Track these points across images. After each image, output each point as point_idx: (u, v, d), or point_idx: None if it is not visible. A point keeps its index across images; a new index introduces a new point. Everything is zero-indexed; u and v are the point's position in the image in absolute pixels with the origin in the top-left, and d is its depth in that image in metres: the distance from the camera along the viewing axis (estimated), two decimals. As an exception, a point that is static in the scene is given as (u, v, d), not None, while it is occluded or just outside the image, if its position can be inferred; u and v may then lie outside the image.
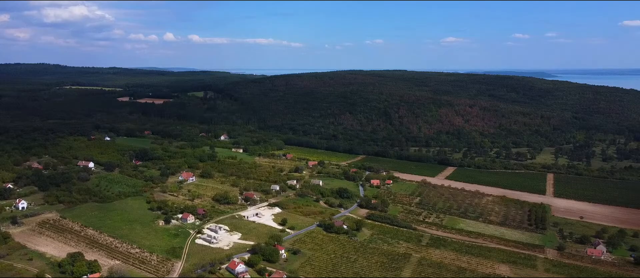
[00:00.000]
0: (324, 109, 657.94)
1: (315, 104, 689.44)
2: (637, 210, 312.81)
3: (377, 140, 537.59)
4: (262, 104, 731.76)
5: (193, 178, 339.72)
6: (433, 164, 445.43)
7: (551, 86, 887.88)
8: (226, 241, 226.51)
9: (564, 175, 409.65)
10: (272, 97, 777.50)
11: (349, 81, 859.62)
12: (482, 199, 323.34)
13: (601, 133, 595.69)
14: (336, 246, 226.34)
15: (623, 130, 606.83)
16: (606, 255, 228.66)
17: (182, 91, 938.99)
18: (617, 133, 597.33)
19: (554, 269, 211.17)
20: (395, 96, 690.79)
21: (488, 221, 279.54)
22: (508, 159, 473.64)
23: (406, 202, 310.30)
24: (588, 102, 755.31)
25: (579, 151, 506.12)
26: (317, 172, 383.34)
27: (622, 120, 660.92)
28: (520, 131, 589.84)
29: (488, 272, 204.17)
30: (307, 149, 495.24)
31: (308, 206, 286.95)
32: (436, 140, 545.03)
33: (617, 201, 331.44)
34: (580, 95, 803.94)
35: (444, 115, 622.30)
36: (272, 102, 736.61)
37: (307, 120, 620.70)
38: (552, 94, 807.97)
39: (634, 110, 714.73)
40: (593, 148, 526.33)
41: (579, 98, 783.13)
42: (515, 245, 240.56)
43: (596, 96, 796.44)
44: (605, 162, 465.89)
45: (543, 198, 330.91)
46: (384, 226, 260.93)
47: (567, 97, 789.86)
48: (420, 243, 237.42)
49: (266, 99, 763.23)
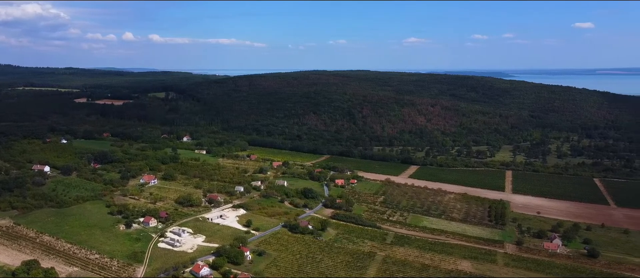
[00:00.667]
0: (288, 110, 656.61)
1: (279, 104, 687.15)
2: (590, 204, 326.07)
3: (341, 140, 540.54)
4: (226, 104, 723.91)
5: (155, 180, 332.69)
6: (396, 163, 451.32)
7: (509, 86, 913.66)
8: (190, 245, 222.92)
9: (522, 172, 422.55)
10: (236, 97, 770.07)
11: (313, 81, 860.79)
12: (445, 197, 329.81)
13: (556, 130, 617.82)
14: (301, 246, 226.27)
15: (576, 128, 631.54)
16: (562, 249, 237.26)
17: (143, 92, 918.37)
18: (571, 130, 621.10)
19: (513, 263, 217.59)
20: (359, 96, 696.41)
21: (450, 218, 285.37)
22: (469, 157, 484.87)
23: (371, 201, 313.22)
24: (543, 102, 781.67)
25: (535, 149, 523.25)
26: (282, 173, 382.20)
27: (575, 118, 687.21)
28: (480, 129, 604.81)
29: (451, 268, 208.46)
30: (272, 150, 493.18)
31: (273, 207, 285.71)
32: (399, 139, 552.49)
33: (571, 196, 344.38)
34: (536, 94, 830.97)
35: (406, 115, 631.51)
36: (236, 103, 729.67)
37: (271, 121, 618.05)
38: (509, 93, 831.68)
39: (585, 109, 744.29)
40: (548, 145, 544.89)
41: (535, 97, 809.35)
42: (476, 241, 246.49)
43: (551, 95, 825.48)
44: (560, 159, 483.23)
45: (502, 195, 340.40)
46: (349, 225, 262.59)
47: (524, 96, 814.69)
48: (384, 241, 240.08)
49: (229, 100, 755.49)
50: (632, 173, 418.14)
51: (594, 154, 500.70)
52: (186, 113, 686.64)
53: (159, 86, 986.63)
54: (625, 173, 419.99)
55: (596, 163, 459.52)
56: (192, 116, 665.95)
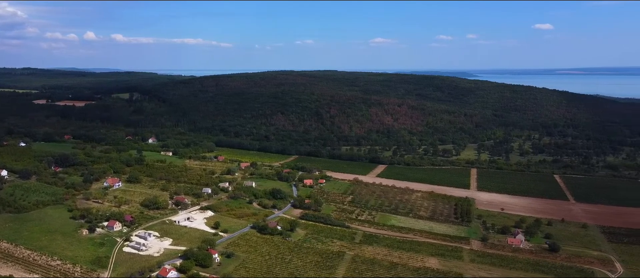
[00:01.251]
0: (255, 110, 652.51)
1: (246, 105, 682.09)
2: (551, 200, 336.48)
3: (309, 140, 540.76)
4: (192, 105, 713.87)
5: (119, 183, 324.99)
6: (364, 162, 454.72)
7: (473, 85, 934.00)
8: (156, 248, 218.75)
9: (486, 170, 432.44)
10: (202, 98, 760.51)
11: (280, 82, 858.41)
12: (412, 195, 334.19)
13: (518, 129, 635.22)
14: (270, 247, 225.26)
15: (537, 126, 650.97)
16: (525, 244, 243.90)
17: (106, 93, 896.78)
18: (532, 129, 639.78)
19: (478, 259, 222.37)
20: (327, 96, 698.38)
21: (418, 216, 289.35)
22: (435, 156, 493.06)
23: (339, 201, 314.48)
24: (506, 101, 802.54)
25: (499, 147, 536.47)
26: (250, 173, 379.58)
27: (536, 117, 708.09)
28: (445, 128, 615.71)
29: (418, 266, 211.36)
30: (239, 151, 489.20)
31: (241, 209, 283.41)
32: (367, 139, 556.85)
33: (533, 192, 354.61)
34: (499, 94, 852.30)
35: (374, 114, 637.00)
36: (202, 104, 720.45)
37: (239, 121, 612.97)
38: (474, 93, 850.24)
39: (546, 108, 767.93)
40: (511, 143, 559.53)
41: (498, 97, 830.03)
42: (443, 238, 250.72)
43: (513, 94, 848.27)
44: (522, 156, 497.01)
45: (468, 192, 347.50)
46: (317, 225, 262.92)
47: (488, 96, 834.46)
48: (353, 240, 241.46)
49: (196, 101, 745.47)
50: (590, 170, 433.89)
51: (554, 151, 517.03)
52: (151, 114, 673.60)
53: (123, 87, 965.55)
54: (583, 169, 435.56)
55: (556, 160, 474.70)
56: (158, 117, 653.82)
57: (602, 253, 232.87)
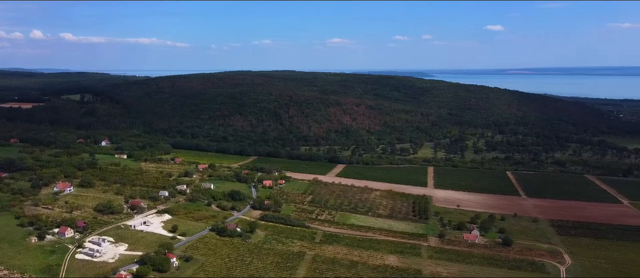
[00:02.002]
0: (213, 111, 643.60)
1: (203, 105, 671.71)
2: (503, 195, 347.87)
3: (268, 141, 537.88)
4: (147, 106, 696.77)
5: (71, 188, 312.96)
6: (324, 162, 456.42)
7: (429, 85, 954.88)
8: (111, 254, 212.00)
9: (442, 168, 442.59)
10: (158, 99, 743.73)
11: (238, 82, 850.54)
12: (371, 194, 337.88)
13: (472, 127, 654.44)
14: (230, 249, 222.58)
15: (490, 125, 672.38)
16: (480, 239, 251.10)
17: (55, 94, 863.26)
18: (486, 127, 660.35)
19: (436, 255, 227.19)
20: (285, 96, 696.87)
21: (377, 214, 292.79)
22: (393, 154, 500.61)
23: (299, 201, 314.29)
24: (461, 100, 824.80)
25: (454, 145, 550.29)
26: (208, 175, 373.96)
27: (489, 116, 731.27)
28: (403, 127, 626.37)
29: (378, 264, 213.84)
30: (197, 153, 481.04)
31: (199, 211, 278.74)
32: (326, 139, 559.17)
33: (487, 189, 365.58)
34: (453, 93, 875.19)
35: (332, 114, 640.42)
36: (158, 105, 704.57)
37: (196, 122, 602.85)
38: (430, 92, 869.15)
39: (498, 106, 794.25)
40: (466, 141, 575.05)
41: (453, 96, 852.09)
42: (402, 236, 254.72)
43: (467, 94, 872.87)
44: (477, 154, 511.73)
45: (425, 190, 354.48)
46: (277, 226, 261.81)
47: (443, 95, 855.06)
48: (314, 240, 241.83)
49: (151, 102, 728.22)
50: (539, 166, 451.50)
51: (506, 148, 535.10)
52: (104, 116, 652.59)
53: (74, 88, 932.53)
54: (533, 165, 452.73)
55: (508, 157, 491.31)
56: (111, 119, 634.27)
57: (551, 246, 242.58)
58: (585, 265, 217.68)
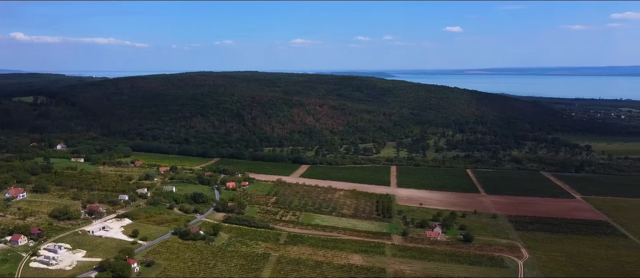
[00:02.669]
0: (174, 113, 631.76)
1: (164, 107, 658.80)
2: (464, 193, 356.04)
3: (231, 142, 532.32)
4: (105, 108, 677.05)
5: (24, 193, 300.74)
6: (287, 163, 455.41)
7: (390, 85, 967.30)
8: (68, 261, 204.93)
9: (405, 167, 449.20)
10: (116, 101, 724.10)
11: (200, 83, 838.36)
12: (335, 194, 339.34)
13: (433, 126, 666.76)
14: (193, 253, 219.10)
15: (450, 124, 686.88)
16: (442, 236, 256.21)
17: (6, 96, 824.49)
18: (446, 126, 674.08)
19: (399, 253, 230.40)
20: (248, 97, 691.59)
21: (341, 214, 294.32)
22: (356, 154, 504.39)
23: (263, 202, 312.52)
24: (422, 100, 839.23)
25: (416, 144, 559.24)
26: (170, 178, 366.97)
27: (449, 115, 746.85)
28: (366, 127, 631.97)
29: (343, 263, 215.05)
30: (158, 155, 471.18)
31: (161, 215, 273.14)
32: (289, 139, 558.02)
33: (448, 187, 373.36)
34: (415, 93, 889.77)
35: (295, 115, 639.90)
36: (117, 107, 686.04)
37: (157, 124, 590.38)
38: (392, 92, 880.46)
39: (458, 106, 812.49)
40: (427, 140, 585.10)
41: (414, 96, 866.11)
42: (366, 235, 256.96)
43: (428, 94, 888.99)
44: (438, 153, 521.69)
45: (388, 189, 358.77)
46: (241, 228, 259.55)
47: (405, 95, 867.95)
48: (278, 241, 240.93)
49: (109, 104, 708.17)
50: (498, 163, 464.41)
51: (466, 147, 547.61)
52: (59, 119, 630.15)
53: (26, 89, 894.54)
54: (492, 163, 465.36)
55: (468, 155, 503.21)
56: (67, 121, 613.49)
57: (510, 241, 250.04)
58: (541, 259, 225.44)
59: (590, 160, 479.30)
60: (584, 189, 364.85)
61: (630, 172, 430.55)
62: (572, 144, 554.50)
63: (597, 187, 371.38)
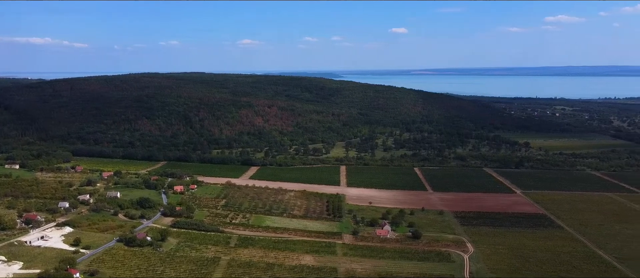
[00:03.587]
0: (117, 115, 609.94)
1: (107, 110, 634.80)
2: (412, 191, 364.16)
3: (178, 145, 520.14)
4: (42, 112, 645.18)
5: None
6: (237, 165, 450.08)
7: (339, 86, 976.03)
8: (3, 274, 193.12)
9: (354, 166, 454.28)
10: (55, 104, 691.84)
11: (145, 84, 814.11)
12: (285, 195, 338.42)
13: (382, 126, 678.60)
14: (140, 260, 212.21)
15: (398, 123, 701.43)
16: (391, 234, 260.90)
17: None
18: (394, 126, 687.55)
19: (350, 252, 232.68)
20: (195, 99, 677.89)
21: (292, 215, 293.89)
22: (306, 155, 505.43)
23: (212, 205, 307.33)
24: (370, 100, 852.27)
25: (365, 144, 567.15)
26: (114, 183, 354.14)
27: (396, 115, 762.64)
28: (315, 128, 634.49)
29: (295, 264, 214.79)
30: (101, 160, 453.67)
31: (105, 222, 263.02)
32: (238, 141, 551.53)
33: (397, 185, 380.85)
34: (363, 93, 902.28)
35: (244, 116, 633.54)
36: (55, 110, 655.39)
37: (99, 128, 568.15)
38: (340, 93, 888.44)
39: (404, 106, 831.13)
40: (376, 140, 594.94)
41: (362, 96, 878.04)
42: (317, 235, 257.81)
43: (376, 94, 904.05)
44: (386, 152, 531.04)
45: (338, 189, 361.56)
46: (190, 232, 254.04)
47: (353, 95, 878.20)
48: (228, 244, 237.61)
49: (47, 107, 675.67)
50: (444, 161, 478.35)
51: (413, 146, 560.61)
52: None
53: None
54: (438, 161, 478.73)
55: (415, 154, 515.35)
56: (0, 126, 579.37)
57: (456, 236, 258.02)
58: (485, 252, 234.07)
59: (529, 156, 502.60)
60: (523, 184, 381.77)
61: (565, 167, 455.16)
62: (512, 142, 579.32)
63: (535, 182, 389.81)
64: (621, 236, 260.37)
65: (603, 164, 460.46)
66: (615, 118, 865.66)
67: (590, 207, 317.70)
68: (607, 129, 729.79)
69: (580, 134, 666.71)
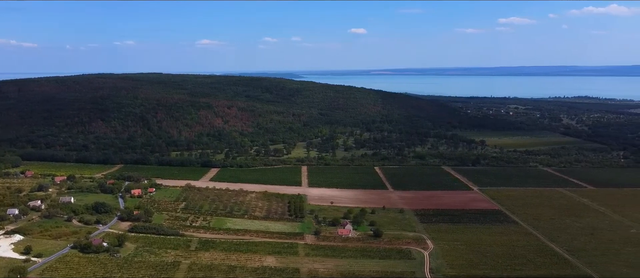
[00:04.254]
0: (70, 118, 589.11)
1: (59, 112, 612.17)
2: (373, 190, 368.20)
3: (135, 147, 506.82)
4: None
5: None
6: (196, 167, 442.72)
7: (299, 86, 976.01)
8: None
9: (315, 166, 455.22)
10: (1, 106, 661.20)
11: (99, 85, 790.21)
12: (247, 196, 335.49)
13: (342, 126, 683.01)
14: (96, 267, 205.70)
15: (358, 123, 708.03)
16: (353, 233, 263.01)
17: None
18: (354, 125, 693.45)
19: (312, 253, 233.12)
20: (152, 100, 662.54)
21: (253, 217, 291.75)
22: (267, 156, 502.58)
23: (171, 209, 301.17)
24: (330, 100, 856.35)
25: (325, 144, 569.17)
26: (68, 188, 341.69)
27: (356, 114, 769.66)
28: (276, 128, 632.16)
29: (257, 266, 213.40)
30: (53, 164, 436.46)
31: (58, 228, 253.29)
32: (198, 143, 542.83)
33: (358, 184, 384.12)
34: (323, 94, 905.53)
35: (203, 117, 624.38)
36: (2, 112, 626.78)
37: (51, 131, 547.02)
38: (300, 93, 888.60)
39: (364, 106, 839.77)
40: (336, 140, 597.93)
41: (322, 96, 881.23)
42: (278, 236, 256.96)
43: (336, 94, 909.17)
44: (347, 151, 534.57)
45: (300, 189, 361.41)
46: (149, 237, 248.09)
47: (313, 96, 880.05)
48: (189, 248, 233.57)
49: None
50: (403, 160, 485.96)
51: (373, 145, 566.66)
52: None
53: None
54: (398, 160, 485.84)
55: (376, 153, 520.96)
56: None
57: (416, 234, 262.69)
58: (445, 248, 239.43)
59: (485, 154, 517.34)
60: (480, 181, 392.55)
61: (519, 163, 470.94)
62: (468, 140, 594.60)
63: (491, 179, 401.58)
64: (571, 229, 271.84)
65: (554, 161, 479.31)
66: (564, 116, 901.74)
67: (542, 202, 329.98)
68: (557, 126, 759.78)
69: (532, 132, 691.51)
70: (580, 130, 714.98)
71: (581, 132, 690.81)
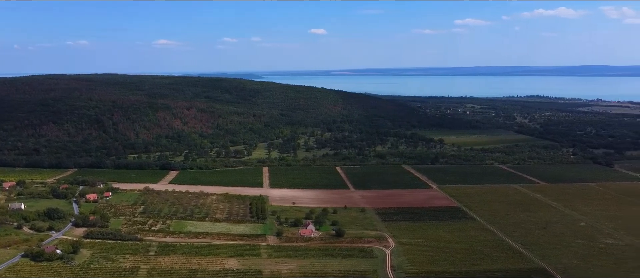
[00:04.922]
0: (19, 120, 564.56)
1: (6, 114, 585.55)
2: (335, 190, 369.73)
3: (90, 150, 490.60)
4: None
5: None
6: (155, 170, 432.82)
7: (259, 87, 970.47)
8: None
9: (277, 167, 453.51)
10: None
11: (50, 87, 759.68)
12: (207, 199, 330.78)
13: (303, 126, 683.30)
14: (49, 275, 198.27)
15: (319, 123, 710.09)
16: (315, 233, 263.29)
17: None
18: (315, 126, 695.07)
19: (275, 254, 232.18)
20: (108, 102, 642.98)
21: (214, 219, 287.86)
22: (227, 157, 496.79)
23: (129, 213, 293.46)
24: (291, 101, 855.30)
25: (287, 144, 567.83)
26: (17, 194, 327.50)
27: (317, 115, 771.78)
28: (236, 130, 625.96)
29: (218, 269, 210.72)
30: (1, 169, 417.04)
31: (7, 236, 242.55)
32: (156, 145, 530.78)
33: (320, 184, 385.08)
34: (284, 94, 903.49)
35: (162, 119, 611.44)
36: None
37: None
38: (261, 94, 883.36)
39: (325, 106, 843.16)
40: (298, 140, 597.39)
41: (283, 97, 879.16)
42: (240, 238, 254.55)
43: (296, 94, 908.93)
44: (308, 152, 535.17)
45: (261, 190, 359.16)
46: (105, 242, 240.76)
47: (274, 96, 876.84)
48: (148, 253, 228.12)
49: None
50: (364, 160, 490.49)
51: (334, 145, 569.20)
52: None
53: None
54: (358, 159, 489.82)
55: (337, 153, 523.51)
56: None
57: (378, 232, 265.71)
58: (406, 246, 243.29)
59: (443, 152, 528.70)
60: (439, 179, 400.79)
61: (475, 161, 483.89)
62: (427, 139, 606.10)
63: (449, 176, 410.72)
64: (525, 224, 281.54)
65: (508, 158, 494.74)
66: (518, 114, 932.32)
67: (498, 198, 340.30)
68: (511, 125, 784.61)
69: (488, 131, 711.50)
70: (533, 128, 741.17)
71: (534, 130, 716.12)
